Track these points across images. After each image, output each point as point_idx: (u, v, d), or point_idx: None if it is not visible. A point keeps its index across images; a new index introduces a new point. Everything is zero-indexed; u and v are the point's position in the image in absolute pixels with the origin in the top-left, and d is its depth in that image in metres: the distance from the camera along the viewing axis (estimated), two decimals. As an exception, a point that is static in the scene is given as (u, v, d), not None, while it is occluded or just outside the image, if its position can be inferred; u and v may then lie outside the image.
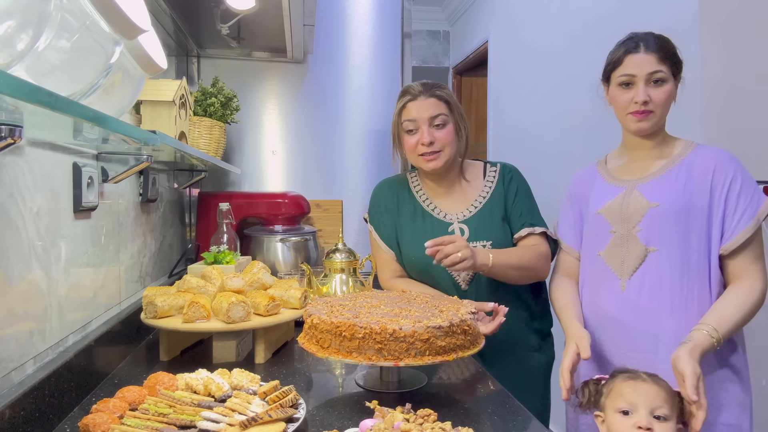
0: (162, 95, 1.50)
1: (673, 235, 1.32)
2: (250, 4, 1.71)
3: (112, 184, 1.38)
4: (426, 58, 5.13)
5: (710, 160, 1.34)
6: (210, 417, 0.90)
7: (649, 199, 1.36)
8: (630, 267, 1.37)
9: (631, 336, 1.36)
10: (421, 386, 1.21)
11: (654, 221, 1.34)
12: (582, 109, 2.72)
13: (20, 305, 0.96)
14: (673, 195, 1.34)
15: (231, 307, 1.27)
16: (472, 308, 1.20)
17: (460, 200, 1.65)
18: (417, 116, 1.55)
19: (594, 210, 1.46)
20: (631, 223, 1.37)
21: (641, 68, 1.33)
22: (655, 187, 1.37)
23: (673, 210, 1.33)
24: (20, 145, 0.96)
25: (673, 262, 1.32)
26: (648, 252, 1.35)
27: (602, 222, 1.43)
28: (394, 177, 1.77)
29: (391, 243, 1.67)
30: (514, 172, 1.67)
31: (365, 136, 2.53)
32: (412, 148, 1.58)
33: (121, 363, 1.34)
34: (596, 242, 1.45)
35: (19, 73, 0.68)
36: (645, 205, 1.36)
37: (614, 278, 1.40)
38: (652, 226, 1.34)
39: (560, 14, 2.99)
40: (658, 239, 1.34)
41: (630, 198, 1.39)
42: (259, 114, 2.50)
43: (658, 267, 1.34)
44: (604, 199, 1.44)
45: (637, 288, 1.36)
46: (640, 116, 1.35)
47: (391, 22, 2.56)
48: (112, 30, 0.82)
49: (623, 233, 1.39)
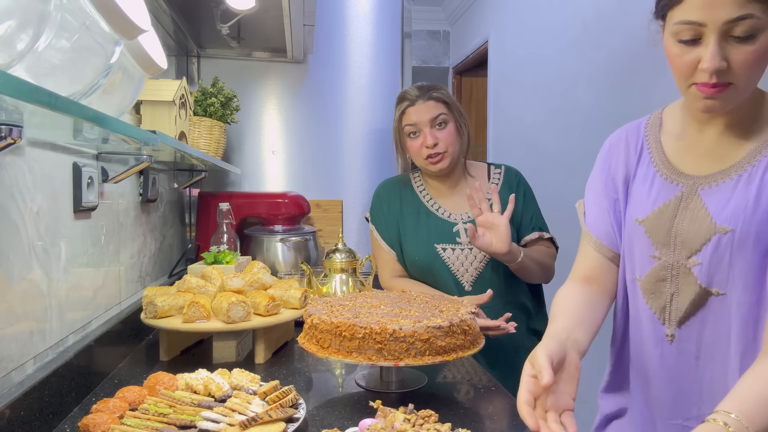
0: (162, 95, 1.50)
1: (749, 273, 0.89)
2: (250, 4, 1.71)
3: (112, 184, 1.38)
4: (426, 58, 5.13)
5: None
6: (210, 417, 0.90)
7: (717, 218, 0.90)
8: (680, 313, 0.96)
9: (691, 401, 0.98)
10: (421, 386, 1.21)
11: (722, 254, 0.90)
12: (582, 109, 2.72)
13: (20, 305, 0.96)
14: (757, 213, 0.87)
15: (231, 307, 1.27)
16: (472, 308, 1.20)
17: (464, 200, 1.64)
18: (418, 120, 1.56)
19: (634, 216, 1.01)
20: (685, 252, 0.94)
21: (715, 12, 0.80)
22: (729, 195, 0.90)
23: (755, 238, 0.87)
24: (20, 145, 0.96)
25: (747, 312, 0.90)
26: (711, 295, 0.93)
27: (642, 238, 1.00)
28: (396, 176, 1.78)
29: (393, 243, 1.67)
30: (519, 176, 1.68)
31: (365, 136, 2.52)
32: (417, 152, 1.59)
33: (121, 363, 1.34)
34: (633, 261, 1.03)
35: (19, 73, 0.68)
36: (709, 227, 0.91)
37: (656, 323, 0.99)
38: (718, 261, 0.91)
39: (560, 14, 2.99)
40: (725, 279, 0.91)
41: (688, 210, 0.94)
42: (259, 114, 2.50)
43: (724, 316, 0.92)
44: (649, 201, 1.00)
45: (695, 342, 0.96)
46: (711, 91, 0.84)
47: (391, 22, 2.56)
48: (112, 30, 0.82)
49: (672, 263, 0.96)
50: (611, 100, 2.47)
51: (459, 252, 1.59)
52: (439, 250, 1.60)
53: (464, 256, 1.59)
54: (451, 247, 1.59)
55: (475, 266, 1.58)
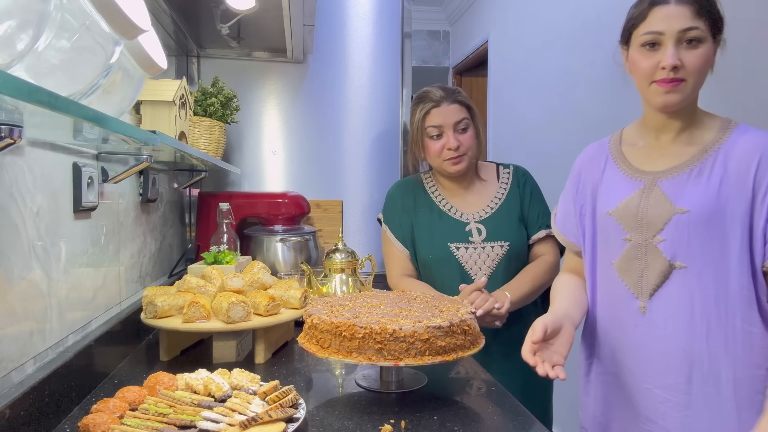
0: (162, 95, 1.50)
1: (705, 248, 1.07)
2: (250, 4, 1.71)
3: (112, 184, 1.38)
4: (426, 58, 5.13)
5: (753, 149, 1.06)
6: (210, 417, 0.90)
7: (675, 201, 1.10)
8: (650, 285, 1.13)
9: (658, 369, 1.14)
10: (421, 386, 1.21)
11: (681, 231, 1.09)
12: (582, 109, 2.72)
13: (20, 305, 0.96)
14: (705, 198, 1.07)
15: (231, 307, 1.27)
16: (472, 308, 1.20)
17: (476, 200, 1.68)
18: (442, 122, 1.58)
19: (605, 210, 1.21)
20: (650, 231, 1.13)
21: (671, 23, 1.05)
22: (683, 186, 1.11)
23: (705, 217, 1.07)
24: (20, 145, 0.96)
25: (706, 283, 1.08)
26: (674, 268, 1.10)
27: (614, 227, 1.19)
28: (409, 177, 1.80)
29: (406, 242, 1.70)
30: (527, 175, 1.72)
31: (365, 135, 2.52)
32: (437, 153, 1.61)
33: (121, 363, 1.34)
34: (608, 248, 1.22)
35: (19, 73, 0.68)
36: (669, 209, 1.10)
37: (631, 298, 1.17)
38: (678, 237, 1.10)
39: (560, 14, 2.99)
40: (686, 253, 1.09)
41: (650, 198, 1.14)
42: (259, 114, 2.50)
43: (687, 288, 1.09)
44: (616, 196, 1.20)
45: (663, 312, 1.13)
46: (669, 85, 1.06)
47: (391, 22, 2.56)
48: (112, 30, 0.82)
49: (641, 242, 1.14)
50: (611, 100, 2.47)
51: (472, 251, 1.61)
52: (453, 249, 1.62)
53: (477, 254, 1.61)
54: (464, 246, 1.62)
55: (488, 264, 1.61)
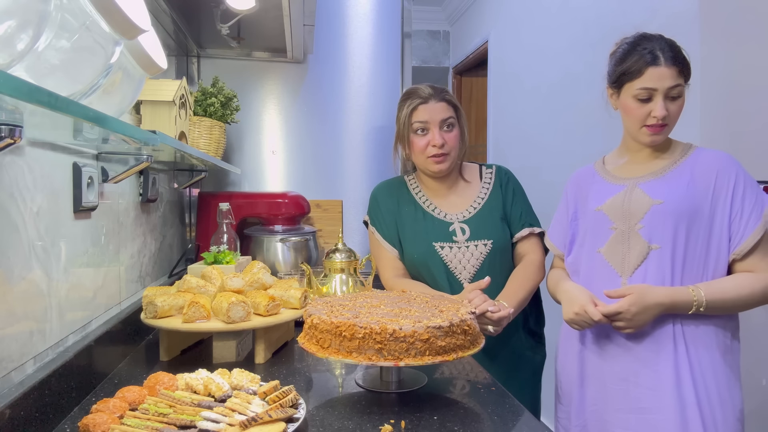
0: (162, 95, 1.50)
1: (677, 233, 1.32)
2: (250, 4, 1.71)
3: (112, 184, 1.38)
4: (426, 58, 5.13)
5: (712, 164, 1.34)
6: (210, 417, 0.90)
7: (652, 196, 1.36)
8: (631, 264, 1.37)
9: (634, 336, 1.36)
10: (421, 386, 1.21)
11: (657, 218, 1.34)
12: (582, 109, 2.72)
13: (20, 305, 0.96)
14: (676, 194, 1.34)
15: (231, 307, 1.27)
16: (472, 308, 1.20)
17: (459, 201, 1.68)
18: (429, 118, 1.58)
19: (594, 207, 1.45)
20: (633, 220, 1.37)
21: (662, 83, 1.31)
22: (658, 186, 1.37)
23: (677, 209, 1.32)
24: (20, 145, 0.96)
25: (676, 261, 1.33)
26: (650, 249, 1.34)
27: (603, 219, 1.42)
28: (391, 179, 1.80)
29: (394, 241, 1.69)
30: (509, 175, 1.73)
31: (365, 136, 2.53)
32: (421, 150, 1.61)
33: (121, 363, 1.34)
34: (596, 239, 1.44)
35: (19, 73, 0.68)
36: (648, 202, 1.36)
37: (615, 275, 1.39)
38: (654, 224, 1.34)
39: (560, 14, 2.99)
40: (660, 237, 1.34)
41: (632, 195, 1.39)
42: (259, 114, 2.50)
43: (660, 265, 1.34)
44: (604, 196, 1.44)
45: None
46: (657, 129, 1.34)
47: (391, 22, 2.56)
48: (112, 30, 0.82)
49: (625, 230, 1.38)
50: (611, 100, 2.47)
51: (456, 250, 1.61)
52: (437, 249, 1.62)
53: (461, 253, 1.61)
54: (448, 246, 1.61)
55: (473, 263, 1.60)
